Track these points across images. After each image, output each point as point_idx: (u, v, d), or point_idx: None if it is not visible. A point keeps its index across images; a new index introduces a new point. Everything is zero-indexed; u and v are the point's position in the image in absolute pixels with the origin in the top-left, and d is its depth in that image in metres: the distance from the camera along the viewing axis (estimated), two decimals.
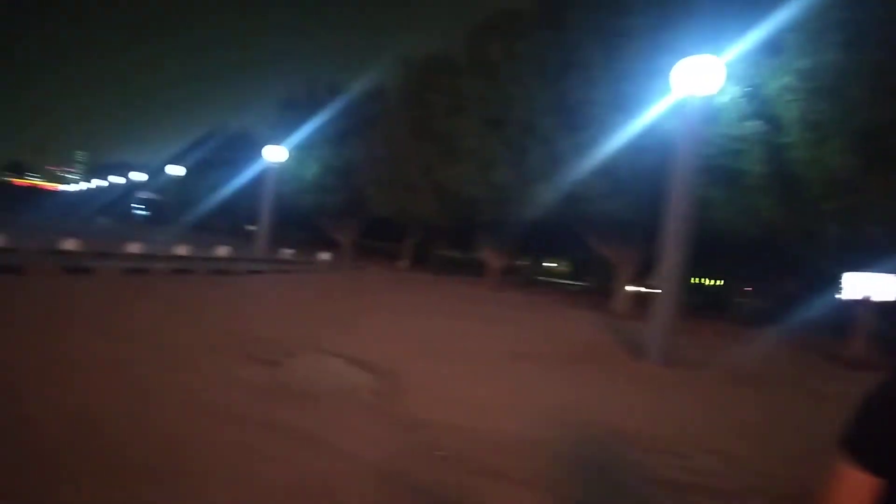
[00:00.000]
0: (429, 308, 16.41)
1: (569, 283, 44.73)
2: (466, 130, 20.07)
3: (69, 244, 17.39)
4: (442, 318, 14.48)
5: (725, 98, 12.83)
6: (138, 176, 64.23)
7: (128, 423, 4.43)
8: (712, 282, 36.31)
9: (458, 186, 20.86)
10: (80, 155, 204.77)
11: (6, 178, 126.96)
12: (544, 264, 48.83)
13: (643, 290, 23.22)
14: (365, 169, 29.78)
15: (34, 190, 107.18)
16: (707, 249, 19.25)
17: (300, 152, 33.26)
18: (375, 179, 28.63)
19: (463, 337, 11.41)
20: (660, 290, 10.54)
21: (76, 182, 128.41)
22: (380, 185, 28.41)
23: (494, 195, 19.69)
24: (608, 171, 16.24)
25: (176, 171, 50.38)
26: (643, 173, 15.17)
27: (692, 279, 35.82)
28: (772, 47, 12.30)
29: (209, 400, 5.30)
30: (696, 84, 10.38)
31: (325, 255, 30.79)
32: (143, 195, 67.51)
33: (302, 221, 40.52)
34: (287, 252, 29.38)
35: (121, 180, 71.45)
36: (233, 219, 55.35)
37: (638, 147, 15.10)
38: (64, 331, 7.39)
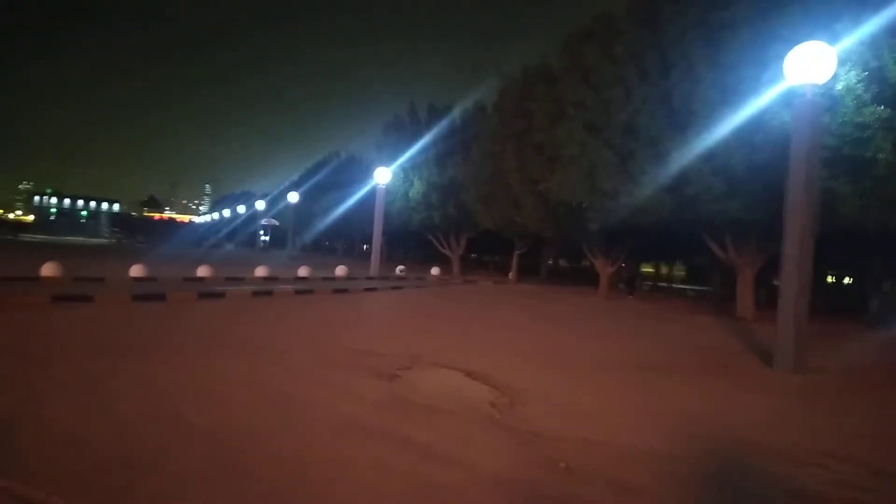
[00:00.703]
0: (542, 320, 16.33)
1: (688, 288, 42.98)
2: (568, 137, 19.87)
3: (202, 271, 18.87)
4: (557, 328, 14.37)
5: (841, 85, 11.99)
6: (260, 204, 68.29)
7: (261, 438, 4.77)
8: (848, 279, 33.67)
9: (563, 195, 20.66)
10: (208, 188, 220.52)
11: (145, 213, 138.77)
12: (661, 270, 47.15)
13: (772, 290, 21.92)
14: (469, 184, 30.16)
15: (169, 223, 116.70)
16: (840, 246, 18.00)
17: (406, 172, 34.30)
18: (480, 194, 28.93)
19: (581, 348, 11.28)
20: (785, 292, 9.96)
21: (205, 213, 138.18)
22: (484, 199, 28.68)
23: (601, 201, 19.34)
24: (722, 169, 15.56)
25: (293, 197, 53.19)
26: (760, 169, 14.42)
27: (828, 278, 33.42)
28: (890, 28, 11.40)
29: (335, 413, 5.59)
30: (811, 72, 9.78)
31: (435, 271, 31.44)
32: (265, 222, 71.65)
33: (412, 239, 41.61)
34: (400, 269, 30.28)
35: (244, 209, 76.22)
36: (348, 239, 57.64)
37: (752, 142, 14.38)
38: (206, 352, 8.03)
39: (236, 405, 5.66)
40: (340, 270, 25.13)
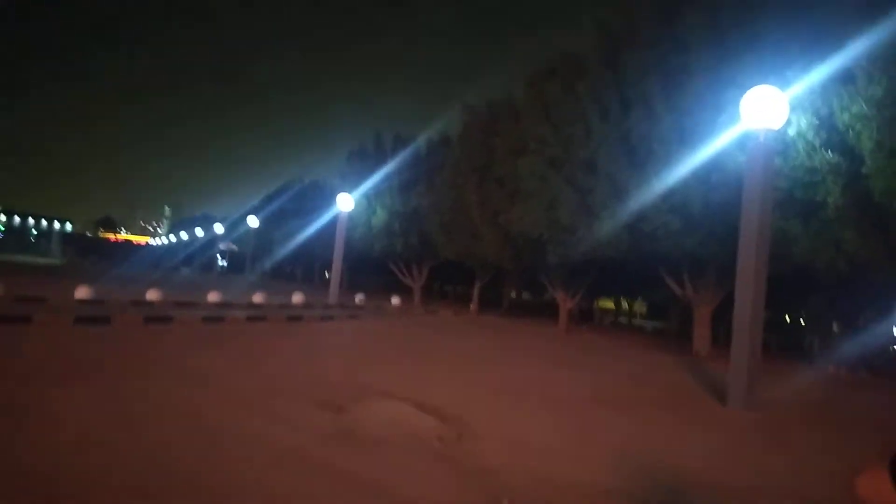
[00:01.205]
0: (499, 352, 16.25)
1: (648, 324, 43.51)
2: (529, 172, 20.11)
3: (152, 295, 18.32)
4: (512, 361, 14.30)
5: (793, 130, 12.40)
6: (218, 228, 67.20)
7: (193, 466, 4.52)
8: (799, 320, 34.57)
9: (523, 227, 20.82)
10: (166, 210, 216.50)
11: (101, 234, 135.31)
12: (623, 304, 47.70)
13: (730, 327, 22.32)
14: (432, 214, 30.20)
15: (125, 244, 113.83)
16: (792, 286, 18.46)
17: (369, 200, 34.21)
18: (442, 224, 28.96)
19: (535, 382, 11.21)
20: (737, 331, 10.08)
21: (163, 236, 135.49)
22: (446, 229, 28.70)
23: (560, 235, 19.51)
24: (679, 207, 15.85)
25: (253, 222, 52.49)
26: (717, 207, 14.72)
27: (785, 317, 34.24)
28: (840, 77, 11.86)
29: (273, 445, 5.36)
30: (764, 116, 10.08)
31: (395, 300, 31.16)
32: (223, 246, 70.41)
33: (373, 267, 41.31)
34: (359, 297, 29.93)
35: (202, 233, 74.90)
36: (308, 266, 56.97)
37: (709, 182, 14.72)
38: (141, 377, 7.70)
39: (166, 435, 5.39)
40: (297, 297, 24.70)
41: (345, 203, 28.62)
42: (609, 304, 48.20)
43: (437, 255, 32.14)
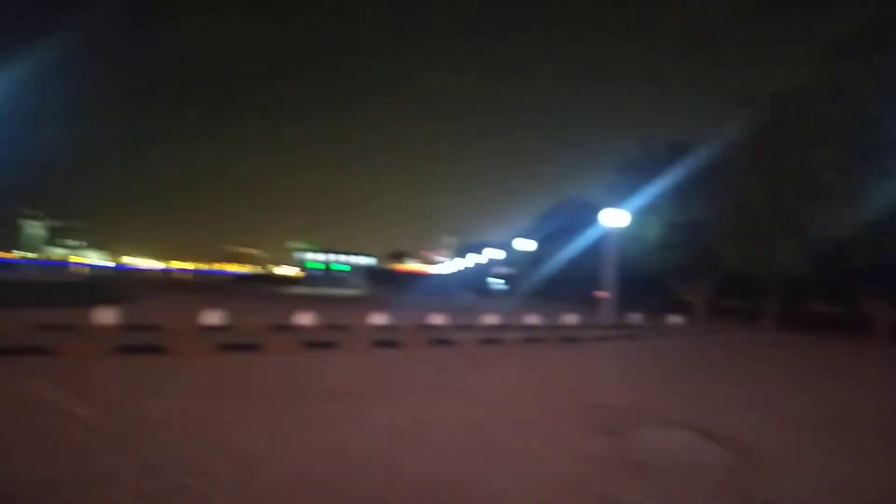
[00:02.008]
0: (803, 374, 14.29)
1: None
2: (828, 163, 17.48)
3: (435, 319, 19.74)
4: (823, 385, 12.42)
5: None
6: (494, 253, 70.67)
7: (470, 481, 4.59)
8: None
9: (823, 228, 18.11)
10: (448, 239, 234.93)
11: (391, 266, 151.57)
12: None
13: None
14: (712, 222, 27.93)
15: (412, 274, 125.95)
16: None
17: (641, 213, 32.88)
18: (725, 232, 26.59)
19: (857, 411, 9.51)
20: None
21: (445, 264, 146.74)
22: (731, 237, 26.28)
23: (870, 234, 16.55)
24: None
25: (525, 244, 54.09)
26: None
27: None
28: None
29: (549, 467, 5.25)
30: None
31: (675, 319, 29.37)
32: (499, 270, 73.83)
33: (650, 284, 39.57)
34: (635, 317, 28.80)
35: (480, 258, 79.46)
36: (580, 286, 56.87)
37: None
38: (427, 397, 8.21)
39: (447, 452, 5.60)
40: (571, 318, 24.64)
41: (613, 218, 27.93)
42: None
43: (721, 268, 29.60)
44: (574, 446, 6.10)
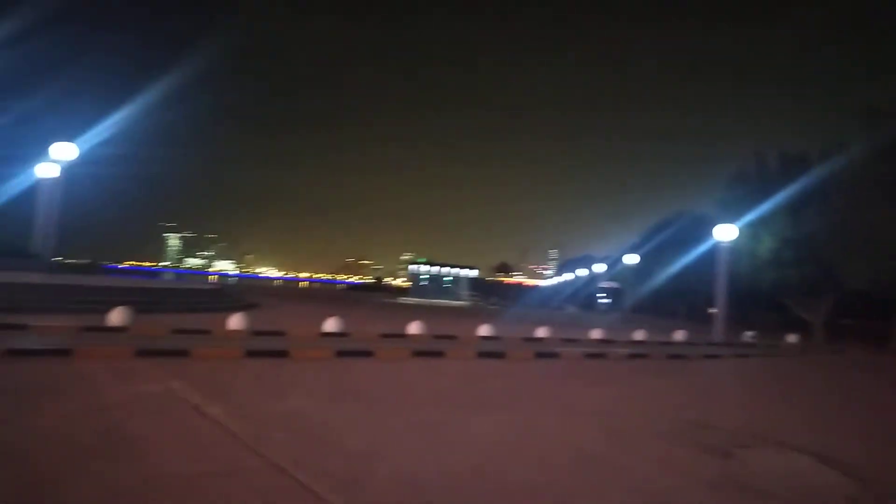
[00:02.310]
0: None
1: None
2: None
3: (541, 332, 19.83)
4: None
5: None
6: (599, 267, 69.37)
7: (572, 493, 4.76)
8: None
9: None
10: (553, 253, 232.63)
11: (498, 278, 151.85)
12: None
13: None
14: (831, 237, 26.27)
15: (518, 286, 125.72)
16: None
17: (753, 228, 31.40)
18: (846, 247, 24.92)
19: None
20: None
21: (550, 277, 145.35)
22: (852, 253, 24.60)
23: None
24: None
25: (631, 259, 52.78)
26: None
27: None
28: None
29: (654, 485, 5.31)
30: None
31: (791, 338, 27.80)
32: (604, 284, 72.32)
33: (764, 302, 37.56)
34: (748, 334, 27.53)
35: (585, 272, 78.18)
36: (690, 302, 54.69)
37: None
38: (532, 409, 8.41)
39: (551, 463, 5.80)
40: (679, 335, 23.91)
41: (724, 233, 26.89)
42: None
43: (841, 285, 27.72)
44: (681, 465, 6.10)
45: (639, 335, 22.43)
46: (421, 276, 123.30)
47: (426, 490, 4.67)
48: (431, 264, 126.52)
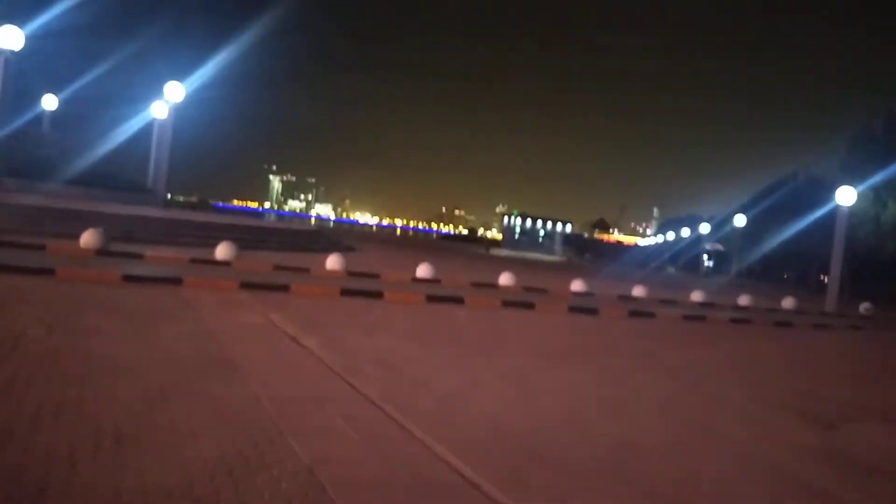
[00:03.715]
0: None
1: None
2: None
3: (637, 291, 19.31)
4: None
5: None
6: (704, 228, 66.34)
7: (661, 456, 4.65)
8: None
9: None
10: (654, 211, 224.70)
11: (595, 235, 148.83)
12: None
13: None
14: None
15: (616, 245, 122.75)
16: None
17: (877, 192, 28.94)
18: None
19: None
20: None
21: (650, 236, 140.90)
22: None
23: None
24: None
25: (740, 221, 50.04)
26: None
27: None
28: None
29: (745, 452, 5.10)
30: None
31: None
32: (709, 246, 69.22)
33: (885, 272, 34.85)
34: (865, 306, 25.63)
35: (688, 233, 75.07)
36: (801, 270, 51.48)
37: None
38: (622, 365, 8.26)
39: (641, 420, 5.71)
40: (787, 302, 22.60)
41: (845, 197, 24.92)
42: None
43: None
44: (780, 434, 5.84)
45: (743, 300, 21.39)
46: (515, 229, 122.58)
47: (512, 434, 4.71)
48: (527, 217, 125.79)
